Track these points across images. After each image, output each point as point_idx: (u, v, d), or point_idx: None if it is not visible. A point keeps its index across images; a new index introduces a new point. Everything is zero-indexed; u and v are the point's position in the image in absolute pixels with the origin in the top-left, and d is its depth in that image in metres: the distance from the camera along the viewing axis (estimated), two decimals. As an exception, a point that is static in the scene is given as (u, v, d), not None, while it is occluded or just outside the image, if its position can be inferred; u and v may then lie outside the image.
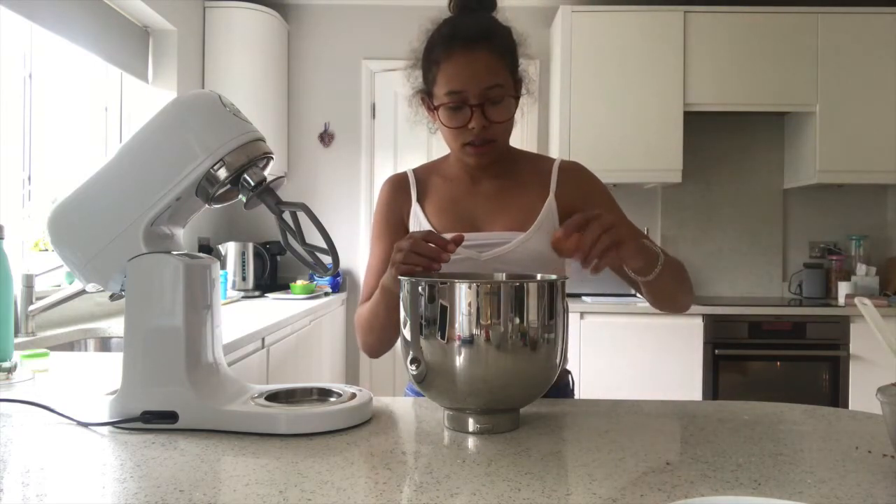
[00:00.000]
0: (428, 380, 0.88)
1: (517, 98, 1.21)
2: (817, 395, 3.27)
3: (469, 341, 0.84)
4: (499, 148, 1.22)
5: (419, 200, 1.27)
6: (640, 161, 3.51)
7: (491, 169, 1.26)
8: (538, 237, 1.20)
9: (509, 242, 1.20)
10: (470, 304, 0.84)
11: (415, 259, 0.99)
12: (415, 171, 1.32)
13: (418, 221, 1.26)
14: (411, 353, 0.89)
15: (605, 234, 0.95)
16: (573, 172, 1.29)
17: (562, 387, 1.27)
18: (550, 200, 1.24)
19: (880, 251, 3.88)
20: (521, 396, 0.91)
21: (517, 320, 0.85)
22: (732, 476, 0.73)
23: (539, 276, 0.99)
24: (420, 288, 0.87)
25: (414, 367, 0.89)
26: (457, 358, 0.84)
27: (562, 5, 3.59)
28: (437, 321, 0.85)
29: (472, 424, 0.89)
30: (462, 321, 0.84)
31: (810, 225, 3.93)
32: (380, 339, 1.20)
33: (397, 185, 1.31)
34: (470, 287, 0.85)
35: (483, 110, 1.15)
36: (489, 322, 0.84)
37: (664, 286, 1.15)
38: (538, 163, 1.31)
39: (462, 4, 1.21)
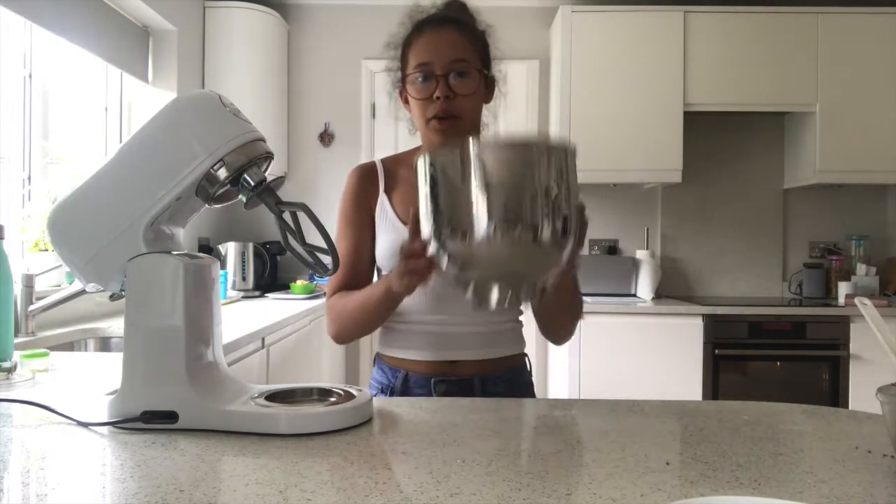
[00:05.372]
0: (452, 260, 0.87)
1: (484, 76, 1.24)
2: (817, 395, 3.27)
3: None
4: (463, 126, 1.22)
5: (386, 191, 1.29)
6: (640, 161, 3.51)
7: None
8: None
9: None
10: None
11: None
12: (383, 161, 1.34)
13: (384, 211, 1.28)
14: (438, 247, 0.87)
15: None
16: None
17: (518, 368, 1.29)
18: None
19: (880, 251, 3.88)
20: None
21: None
22: (732, 476, 0.73)
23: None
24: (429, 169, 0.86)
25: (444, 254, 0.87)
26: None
27: (562, 5, 3.59)
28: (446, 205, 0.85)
29: (495, 295, 0.87)
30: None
31: (810, 225, 3.93)
32: (365, 332, 1.28)
33: (366, 174, 1.32)
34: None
35: (448, 81, 1.19)
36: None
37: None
38: None
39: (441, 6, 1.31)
